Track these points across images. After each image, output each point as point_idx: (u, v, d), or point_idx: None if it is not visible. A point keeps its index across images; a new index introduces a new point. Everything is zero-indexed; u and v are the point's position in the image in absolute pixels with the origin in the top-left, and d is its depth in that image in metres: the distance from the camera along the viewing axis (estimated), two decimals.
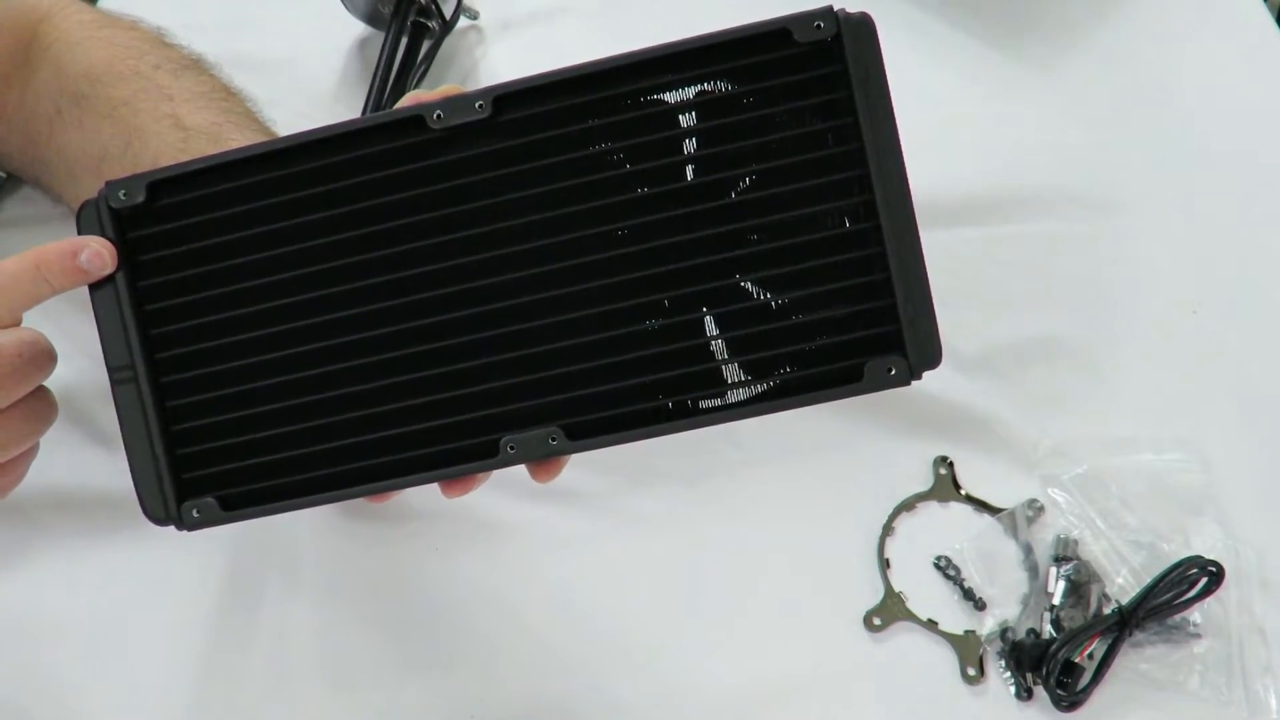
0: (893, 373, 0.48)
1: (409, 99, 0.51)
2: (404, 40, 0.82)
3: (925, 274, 0.48)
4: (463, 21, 0.88)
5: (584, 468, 0.68)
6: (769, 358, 0.48)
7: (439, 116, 0.48)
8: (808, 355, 0.48)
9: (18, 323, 0.50)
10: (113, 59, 0.65)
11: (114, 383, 0.51)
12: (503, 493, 0.66)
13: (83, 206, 0.50)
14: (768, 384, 0.48)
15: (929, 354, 0.48)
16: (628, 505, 0.68)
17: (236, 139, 0.61)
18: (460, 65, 0.88)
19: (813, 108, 0.48)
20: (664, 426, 0.49)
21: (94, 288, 0.50)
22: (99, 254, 0.48)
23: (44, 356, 0.50)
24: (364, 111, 0.78)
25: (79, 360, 0.65)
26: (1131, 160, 0.85)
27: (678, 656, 0.63)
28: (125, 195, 0.50)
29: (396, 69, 0.81)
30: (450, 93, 0.49)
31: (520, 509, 0.67)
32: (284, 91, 0.74)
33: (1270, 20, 0.93)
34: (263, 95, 0.69)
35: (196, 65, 0.67)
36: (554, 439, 0.49)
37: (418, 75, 0.82)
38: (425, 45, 0.83)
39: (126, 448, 0.51)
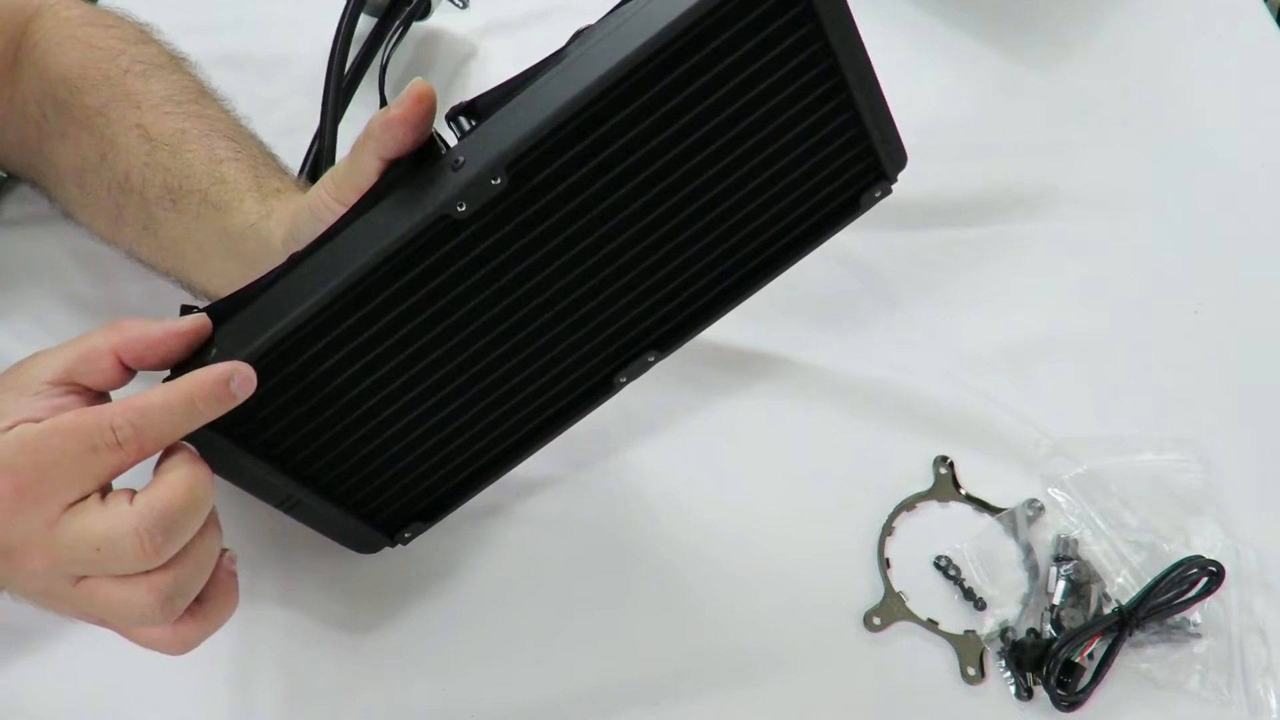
0: (878, 195, 0.58)
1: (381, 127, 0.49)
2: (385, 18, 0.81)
3: (885, 104, 0.54)
4: (457, 15, 0.87)
5: (581, 469, 0.68)
6: (792, 220, 0.57)
7: (462, 208, 0.47)
8: (819, 204, 0.58)
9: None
10: (87, 63, 0.63)
11: (287, 511, 0.57)
12: (502, 491, 0.66)
13: None
14: (793, 237, 0.58)
15: (899, 161, 0.57)
16: (627, 506, 0.68)
17: (195, 148, 0.60)
18: (459, 65, 0.88)
19: (790, 46, 0.50)
20: (732, 303, 0.59)
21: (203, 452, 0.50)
22: (249, 379, 0.47)
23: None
24: (326, 79, 0.75)
25: None
26: (1131, 160, 0.85)
27: (677, 659, 0.63)
28: None
29: (368, 39, 0.79)
30: (421, 90, 0.47)
31: (520, 508, 0.67)
32: (284, 91, 0.74)
33: (1270, 20, 0.93)
34: (263, 95, 0.69)
35: (170, 64, 0.65)
36: (652, 358, 0.59)
37: (391, 43, 0.80)
38: (399, 22, 0.82)
39: (333, 537, 0.60)
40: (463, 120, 0.49)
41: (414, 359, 0.53)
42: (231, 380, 0.46)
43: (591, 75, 0.46)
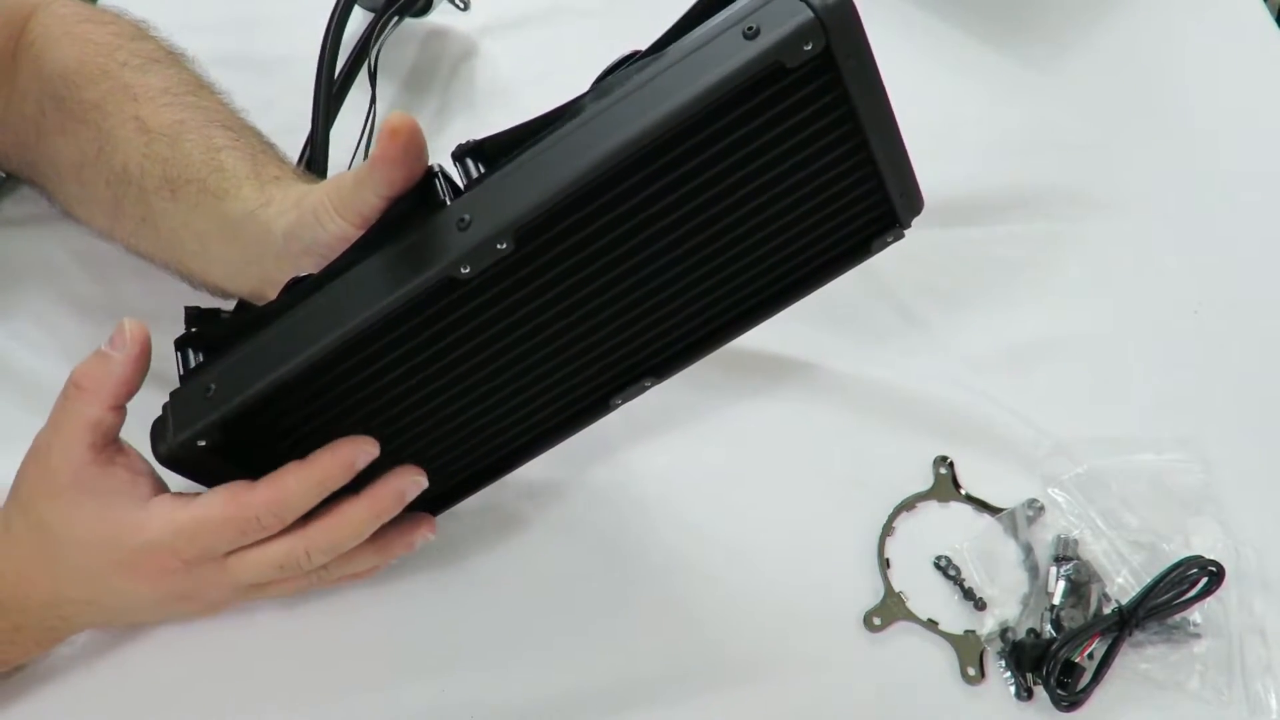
0: (890, 240, 0.56)
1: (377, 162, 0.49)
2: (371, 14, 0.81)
3: (906, 157, 0.53)
4: (456, 15, 0.87)
5: (581, 470, 0.68)
6: (798, 263, 0.56)
7: (466, 270, 0.47)
8: (827, 249, 0.57)
9: None
10: (84, 58, 0.64)
11: None
12: (503, 493, 0.66)
13: (165, 454, 0.51)
14: (805, 273, 0.57)
15: (914, 208, 0.55)
16: (628, 506, 0.68)
17: (193, 138, 0.60)
18: (459, 64, 0.88)
19: (812, 113, 0.48)
20: (731, 336, 0.59)
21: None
22: (369, 452, 0.53)
23: None
24: (316, 82, 0.74)
25: (68, 361, 0.65)
26: (1131, 160, 0.85)
27: (677, 659, 0.63)
28: (205, 443, 0.50)
29: (362, 37, 0.78)
30: (394, 125, 0.47)
31: (520, 509, 0.67)
32: (284, 91, 0.73)
33: (1270, 20, 0.93)
34: (263, 95, 0.69)
35: (167, 58, 0.66)
36: (648, 383, 0.59)
37: (381, 38, 0.80)
38: (391, 12, 0.81)
39: None
40: (470, 163, 0.48)
41: (413, 390, 0.53)
42: (357, 460, 0.52)
43: (611, 143, 0.44)
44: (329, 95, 0.73)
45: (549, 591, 0.65)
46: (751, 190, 0.50)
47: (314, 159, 0.72)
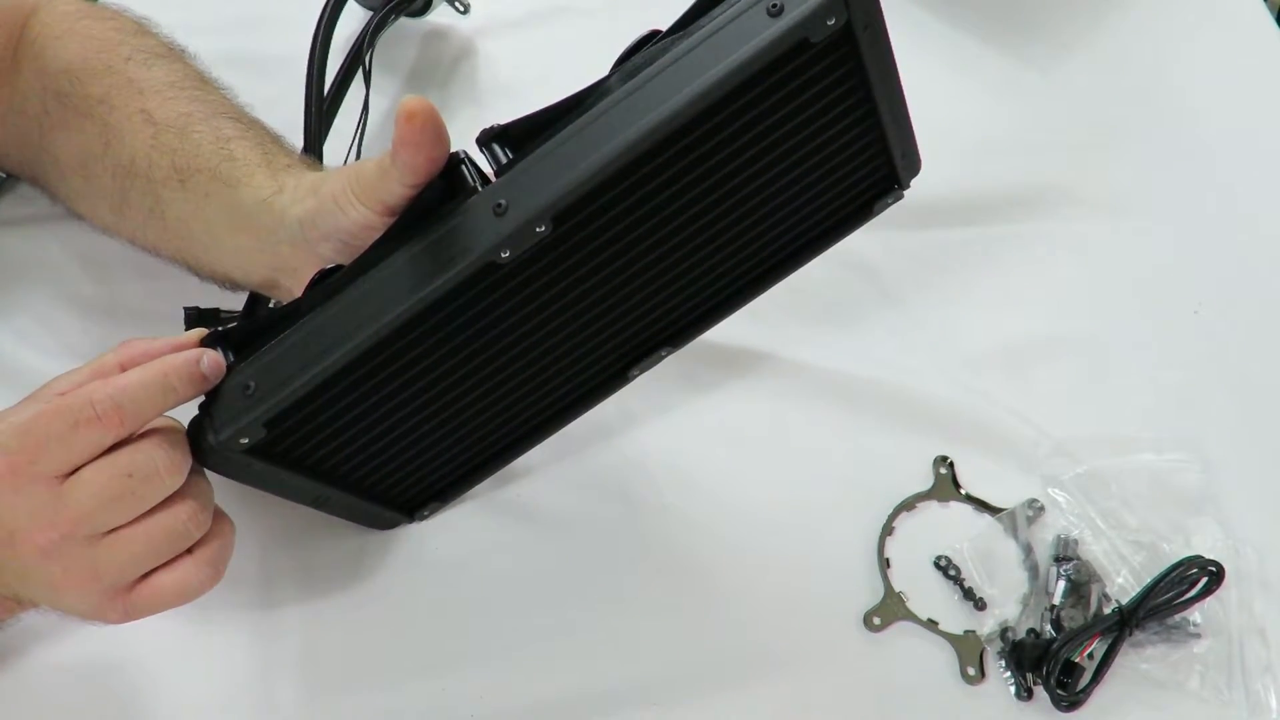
0: (890, 201, 0.59)
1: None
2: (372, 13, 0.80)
3: (909, 122, 0.55)
4: (456, 16, 0.87)
5: (581, 470, 0.68)
6: (808, 225, 0.59)
7: (505, 255, 0.47)
8: (834, 211, 0.59)
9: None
10: (88, 54, 0.64)
11: (317, 507, 0.59)
12: (503, 493, 0.66)
13: (208, 454, 0.50)
14: (812, 236, 0.60)
15: (914, 169, 0.58)
16: (628, 506, 0.68)
17: (201, 129, 0.61)
18: (458, 65, 0.88)
19: (829, 84, 0.50)
20: (744, 300, 0.61)
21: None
22: (216, 361, 0.50)
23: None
24: (308, 73, 0.74)
25: (69, 360, 0.65)
26: (1131, 160, 0.85)
27: (677, 658, 0.63)
28: (248, 440, 0.50)
29: (358, 38, 0.78)
30: (410, 109, 0.47)
31: (520, 510, 0.67)
32: (284, 91, 0.73)
33: (1270, 20, 0.93)
34: (263, 95, 0.69)
35: (170, 54, 0.66)
36: (665, 352, 0.61)
37: (372, 35, 0.79)
38: (392, 17, 0.81)
39: (354, 521, 0.63)
40: (497, 149, 0.48)
41: (441, 378, 0.54)
42: (201, 361, 0.49)
43: (646, 122, 0.45)
44: (319, 95, 0.73)
45: (550, 591, 0.65)
46: (770, 160, 0.52)
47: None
